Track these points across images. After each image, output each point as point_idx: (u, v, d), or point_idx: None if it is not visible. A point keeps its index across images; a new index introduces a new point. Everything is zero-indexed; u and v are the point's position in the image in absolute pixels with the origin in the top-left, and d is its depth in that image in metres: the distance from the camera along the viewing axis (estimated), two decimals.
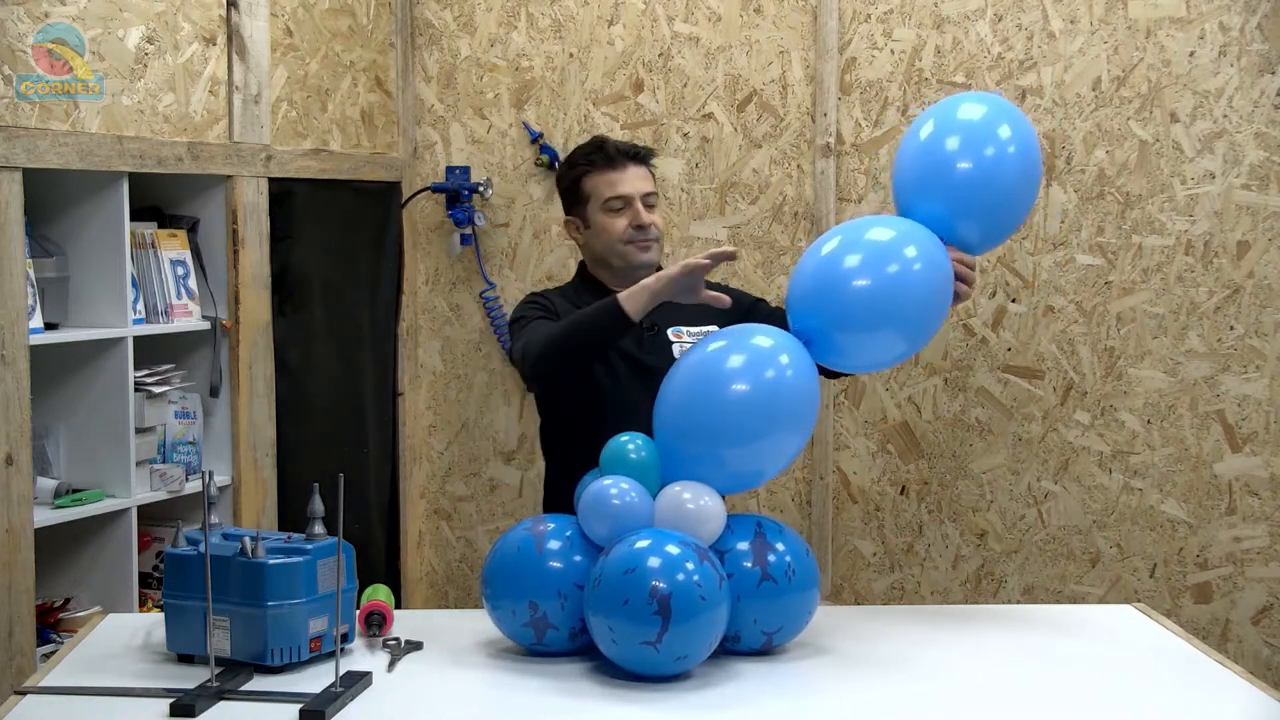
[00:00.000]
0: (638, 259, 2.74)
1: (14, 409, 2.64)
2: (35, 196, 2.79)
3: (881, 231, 2.34)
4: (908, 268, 2.28)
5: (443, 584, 4.20)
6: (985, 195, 2.38)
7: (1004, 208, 2.43)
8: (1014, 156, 2.40)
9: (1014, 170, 2.40)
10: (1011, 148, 2.39)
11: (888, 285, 2.27)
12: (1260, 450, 3.60)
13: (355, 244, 3.81)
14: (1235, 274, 3.59)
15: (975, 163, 2.37)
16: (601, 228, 2.76)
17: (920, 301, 2.31)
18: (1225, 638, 3.63)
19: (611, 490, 2.17)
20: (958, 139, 2.39)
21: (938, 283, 2.33)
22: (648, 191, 2.77)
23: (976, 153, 2.38)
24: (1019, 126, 2.43)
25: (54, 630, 2.88)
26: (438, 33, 4.04)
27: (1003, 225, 2.47)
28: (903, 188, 2.46)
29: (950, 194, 2.38)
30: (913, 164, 2.44)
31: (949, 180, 2.38)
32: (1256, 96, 3.54)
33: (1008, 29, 3.68)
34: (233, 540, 2.12)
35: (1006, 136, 2.39)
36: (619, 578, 2.05)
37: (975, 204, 2.38)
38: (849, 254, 2.30)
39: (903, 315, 2.30)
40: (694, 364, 2.27)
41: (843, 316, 2.29)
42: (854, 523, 3.87)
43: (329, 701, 1.94)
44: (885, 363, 2.52)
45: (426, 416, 4.17)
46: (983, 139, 2.39)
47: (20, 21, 2.70)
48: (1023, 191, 2.45)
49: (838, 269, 2.30)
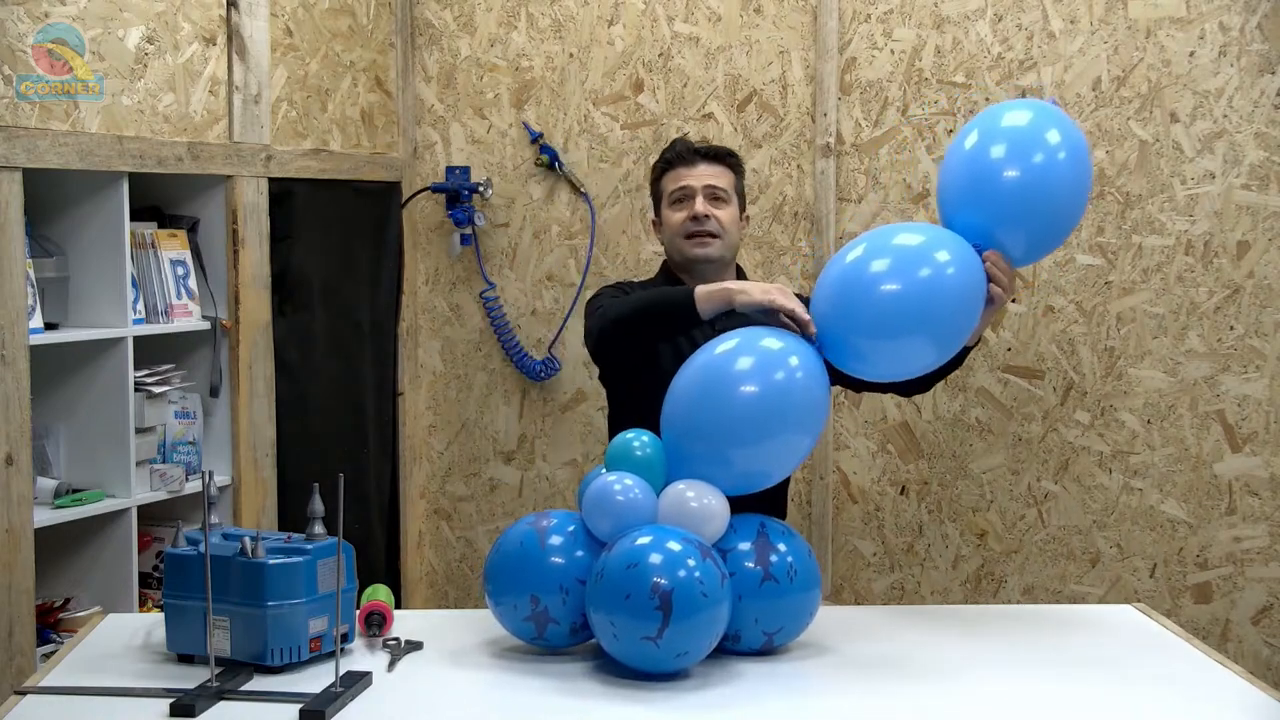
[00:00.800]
0: (693, 252, 2.74)
1: (14, 409, 2.64)
2: (35, 196, 2.79)
3: (909, 236, 2.31)
4: (939, 271, 2.25)
5: (443, 584, 4.20)
6: (1030, 203, 2.34)
7: (1049, 216, 2.39)
8: (1064, 163, 2.35)
9: (1062, 177, 2.36)
10: (1061, 154, 2.35)
11: (918, 289, 2.24)
12: (1260, 450, 3.60)
13: (355, 244, 3.81)
14: (1235, 274, 3.59)
15: (1022, 170, 2.33)
16: (667, 222, 2.79)
17: (950, 305, 2.27)
18: (1225, 638, 3.63)
19: (615, 486, 2.17)
20: (1004, 147, 2.35)
21: (969, 286, 2.29)
22: (713, 185, 2.75)
23: (1024, 160, 2.34)
24: (1068, 134, 2.38)
25: (54, 630, 2.88)
26: (438, 33, 4.04)
27: (1048, 235, 2.43)
28: (945, 199, 2.42)
29: (993, 202, 2.34)
30: (956, 173, 2.41)
31: (993, 189, 2.34)
32: (1256, 96, 3.54)
33: (1008, 29, 3.68)
34: (233, 540, 2.12)
35: (1055, 143, 2.35)
36: (621, 573, 2.05)
37: (1019, 212, 2.34)
38: (876, 259, 2.27)
39: (932, 319, 2.26)
40: (703, 364, 2.26)
41: (870, 321, 2.25)
42: (854, 523, 3.87)
43: (329, 701, 1.94)
44: (913, 369, 2.41)
45: (426, 416, 4.17)
46: (1030, 145, 2.35)
47: (20, 21, 2.70)
48: (1071, 200, 2.41)
49: (864, 274, 2.26)
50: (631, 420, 2.70)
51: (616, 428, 2.80)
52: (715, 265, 2.75)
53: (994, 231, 2.35)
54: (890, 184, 3.77)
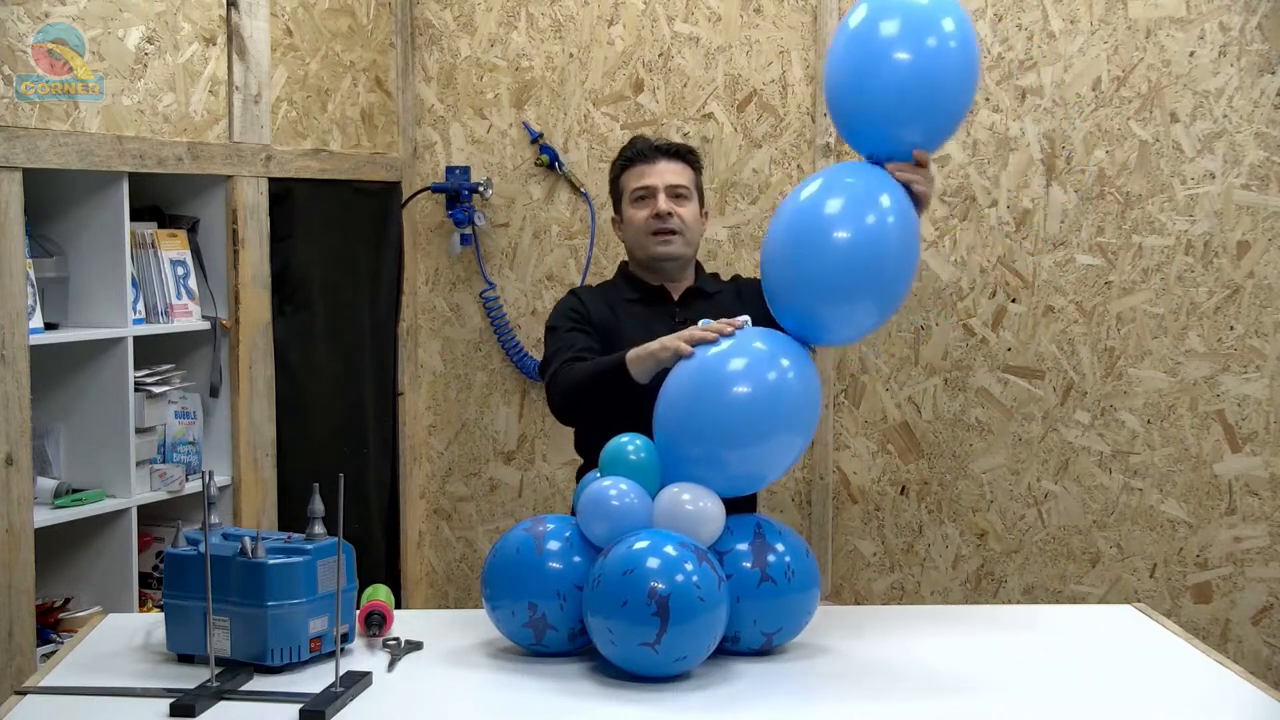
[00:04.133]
0: (656, 250, 2.74)
1: (14, 409, 2.64)
2: (35, 196, 2.79)
3: (835, 203, 2.31)
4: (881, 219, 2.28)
5: (443, 584, 4.20)
6: (921, 96, 2.32)
7: (941, 105, 2.37)
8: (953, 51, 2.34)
9: (946, 66, 2.34)
10: (952, 43, 2.33)
11: (862, 240, 2.27)
12: (1260, 450, 3.60)
13: (355, 244, 3.81)
14: (1235, 274, 3.59)
15: (904, 65, 2.31)
16: (629, 220, 2.79)
17: (891, 260, 2.29)
18: (1225, 638, 3.63)
19: (610, 491, 2.17)
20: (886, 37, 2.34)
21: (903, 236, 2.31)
22: (675, 184, 2.76)
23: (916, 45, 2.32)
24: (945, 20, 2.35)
25: (54, 630, 2.88)
26: (438, 33, 4.04)
27: (944, 124, 2.41)
28: (837, 110, 2.45)
29: (884, 103, 2.33)
30: (843, 85, 2.41)
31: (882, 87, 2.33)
32: (1256, 96, 3.54)
33: (1008, 29, 3.67)
34: (233, 540, 2.12)
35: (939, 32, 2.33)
36: (618, 579, 2.05)
37: (911, 107, 2.33)
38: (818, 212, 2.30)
39: (879, 277, 2.29)
40: (695, 367, 2.26)
41: (817, 279, 2.29)
42: (854, 523, 3.87)
43: (329, 701, 1.94)
44: (862, 322, 2.40)
45: (426, 416, 4.17)
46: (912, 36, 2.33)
47: (20, 21, 2.70)
48: (958, 84, 2.38)
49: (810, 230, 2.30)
50: (599, 424, 2.72)
51: (584, 431, 2.80)
52: (678, 262, 2.77)
53: (890, 133, 2.35)
54: None
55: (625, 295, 2.77)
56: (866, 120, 2.38)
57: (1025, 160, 3.69)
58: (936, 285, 3.77)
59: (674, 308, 2.75)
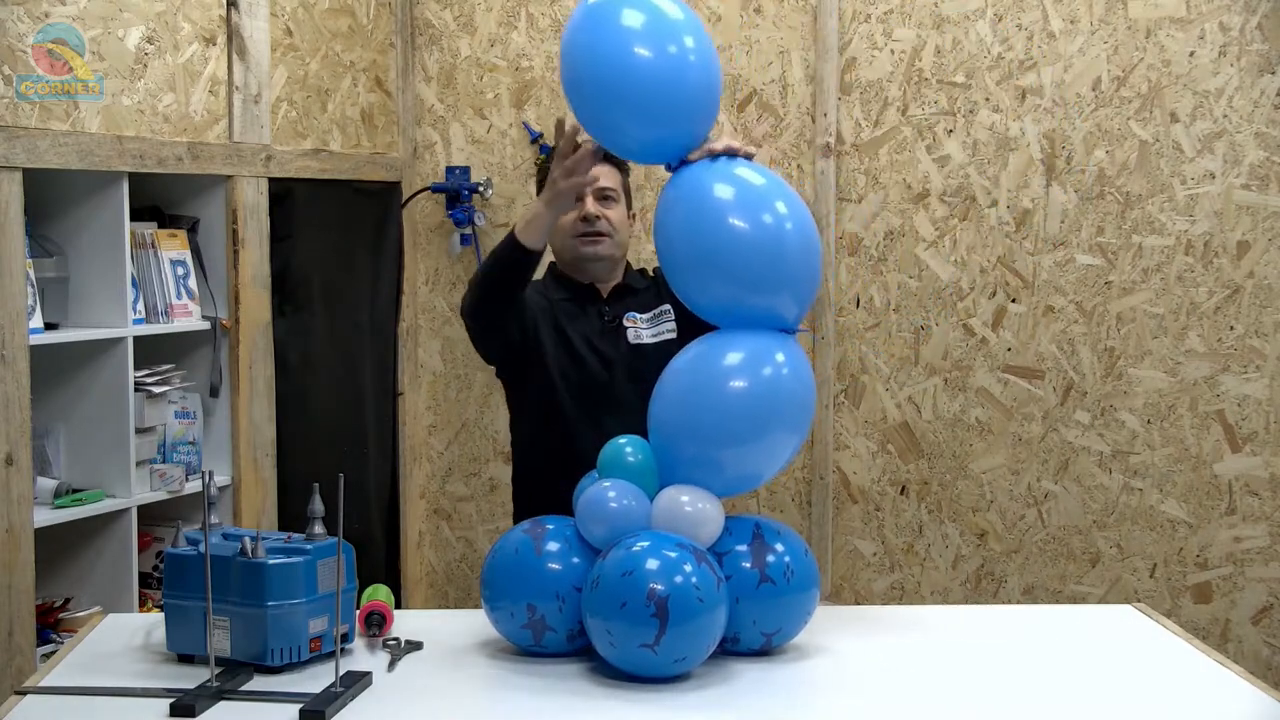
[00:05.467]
0: (582, 251, 2.74)
1: (14, 409, 2.64)
2: (35, 196, 2.79)
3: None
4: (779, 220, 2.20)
5: (443, 584, 4.20)
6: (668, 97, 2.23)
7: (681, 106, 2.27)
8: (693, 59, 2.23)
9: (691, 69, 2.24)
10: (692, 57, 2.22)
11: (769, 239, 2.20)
12: (1260, 450, 3.60)
13: (355, 244, 3.81)
14: (1235, 274, 3.59)
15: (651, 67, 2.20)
16: (557, 223, 2.76)
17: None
18: (1225, 638, 3.63)
19: (609, 493, 2.17)
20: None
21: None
22: (604, 186, 2.74)
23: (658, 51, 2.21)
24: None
25: (54, 630, 2.88)
26: (438, 33, 4.04)
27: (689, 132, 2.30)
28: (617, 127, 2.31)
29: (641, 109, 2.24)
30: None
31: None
32: (1256, 96, 3.54)
33: (1008, 29, 3.67)
34: (233, 540, 2.12)
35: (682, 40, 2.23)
36: (617, 580, 2.05)
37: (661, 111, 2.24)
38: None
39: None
40: (689, 367, 2.25)
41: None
42: (854, 523, 3.87)
43: (329, 701, 1.93)
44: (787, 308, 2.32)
45: (426, 416, 4.17)
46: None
47: (20, 21, 2.70)
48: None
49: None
50: (533, 413, 2.75)
51: (519, 421, 2.81)
52: (606, 263, 2.76)
53: (671, 140, 2.27)
54: (890, 184, 3.77)
55: (555, 294, 2.76)
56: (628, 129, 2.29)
57: (1025, 160, 3.69)
58: (936, 285, 3.77)
59: (603, 305, 2.76)
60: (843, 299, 3.82)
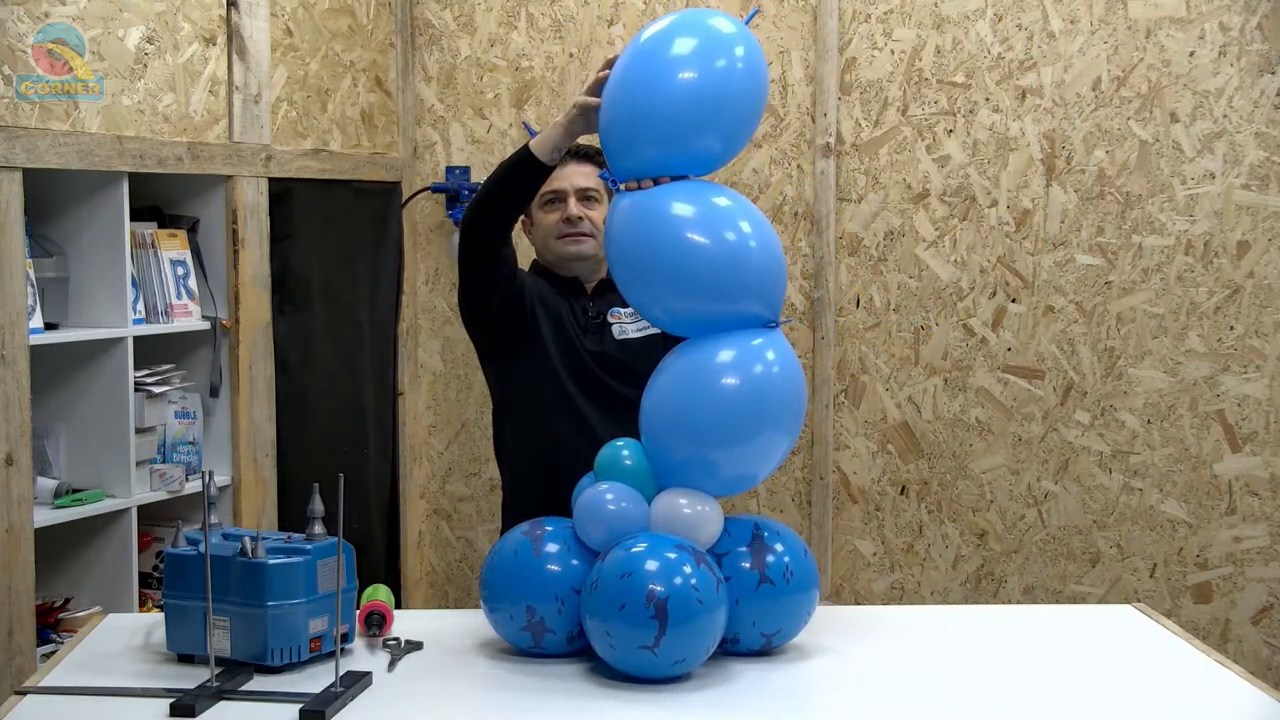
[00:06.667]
0: (566, 251, 2.74)
1: (14, 409, 2.64)
2: (35, 196, 2.79)
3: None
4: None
5: (443, 584, 4.20)
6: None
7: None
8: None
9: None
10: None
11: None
12: (1260, 450, 3.60)
13: (355, 244, 3.81)
14: (1235, 274, 3.59)
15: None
16: (538, 223, 2.78)
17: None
18: (1225, 638, 3.63)
19: (607, 495, 2.16)
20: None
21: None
22: (585, 187, 2.75)
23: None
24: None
25: (54, 630, 2.88)
26: (438, 33, 4.04)
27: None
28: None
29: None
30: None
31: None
32: (1256, 96, 3.54)
33: (1008, 29, 3.67)
34: (233, 540, 2.12)
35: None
36: (616, 582, 2.04)
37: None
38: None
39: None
40: (677, 369, 2.24)
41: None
42: (854, 523, 3.87)
43: (329, 701, 1.94)
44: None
45: (426, 416, 4.17)
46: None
47: (20, 21, 2.70)
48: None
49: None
50: (519, 408, 2.74)
51: (503, 417, 2.79)
52: (588, 262, 2.76)
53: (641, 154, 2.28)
54: (890, 184, 3.77)
55: (538, 285, 2.76)
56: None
57: (1025, 160, 3.69)
58: (936, 285, 3.77)
59: (587, 301, 2.76)
60: (843, 299, 3.82)
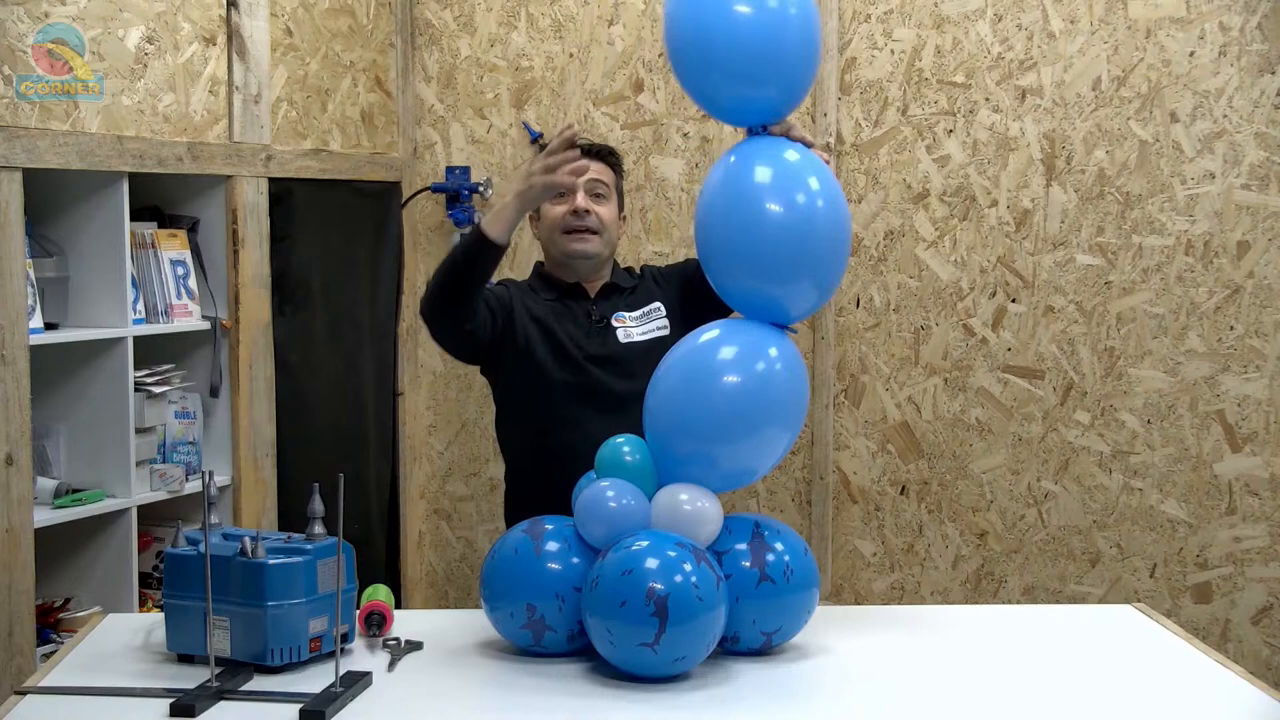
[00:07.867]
0: (571, 248, 2.71)
1: (14, 409, 2.64)
2: (35, 196, 2.79)
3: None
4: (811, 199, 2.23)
5: (443, 584, 4.20)
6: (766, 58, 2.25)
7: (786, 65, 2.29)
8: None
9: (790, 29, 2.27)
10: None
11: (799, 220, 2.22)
12: (1260, 450, 3.60)
13: (355, 244, 3.81)
14: (1235, 274, 3.59)
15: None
16: (545, 216, 2.75)
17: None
18: (1225, 638, 3.63)
19: (608, 493, 2.16)
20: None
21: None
22: (596, 178, 2.72)
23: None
24: None
25: (54, 630, 2.88)
26: (438, 33, 4.04)
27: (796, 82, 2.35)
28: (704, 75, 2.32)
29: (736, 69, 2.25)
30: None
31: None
32: (1256, 96, 3.54)
33: (1008, 29, 3.67)
34: (233, 540, 2.12)
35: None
36: (616, 579, 2.05)
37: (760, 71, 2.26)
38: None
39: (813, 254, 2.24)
40: (683, 364, 2.24)
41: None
42: (854, 523, 3.87)
43: (329, 701, 1.94)
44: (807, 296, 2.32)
45: (426, 416, 4.17)
46: None
47: (20, 21, 2.70)
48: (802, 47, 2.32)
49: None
50: (521, 414, 2.74)
51: (506, 421, 2.79)
52: (593, 262, 2.74)
53: (761, 101, 2.29)
54: (890, 184, 3.77)
55: (542, 295, 2.74)
56: (719, 85, 2.29)
57: (1025, 160, 3.69)
58: (936, 285, 3.77)
59: (590, 305, 2.74)
60: (842, 299, 3.82)
